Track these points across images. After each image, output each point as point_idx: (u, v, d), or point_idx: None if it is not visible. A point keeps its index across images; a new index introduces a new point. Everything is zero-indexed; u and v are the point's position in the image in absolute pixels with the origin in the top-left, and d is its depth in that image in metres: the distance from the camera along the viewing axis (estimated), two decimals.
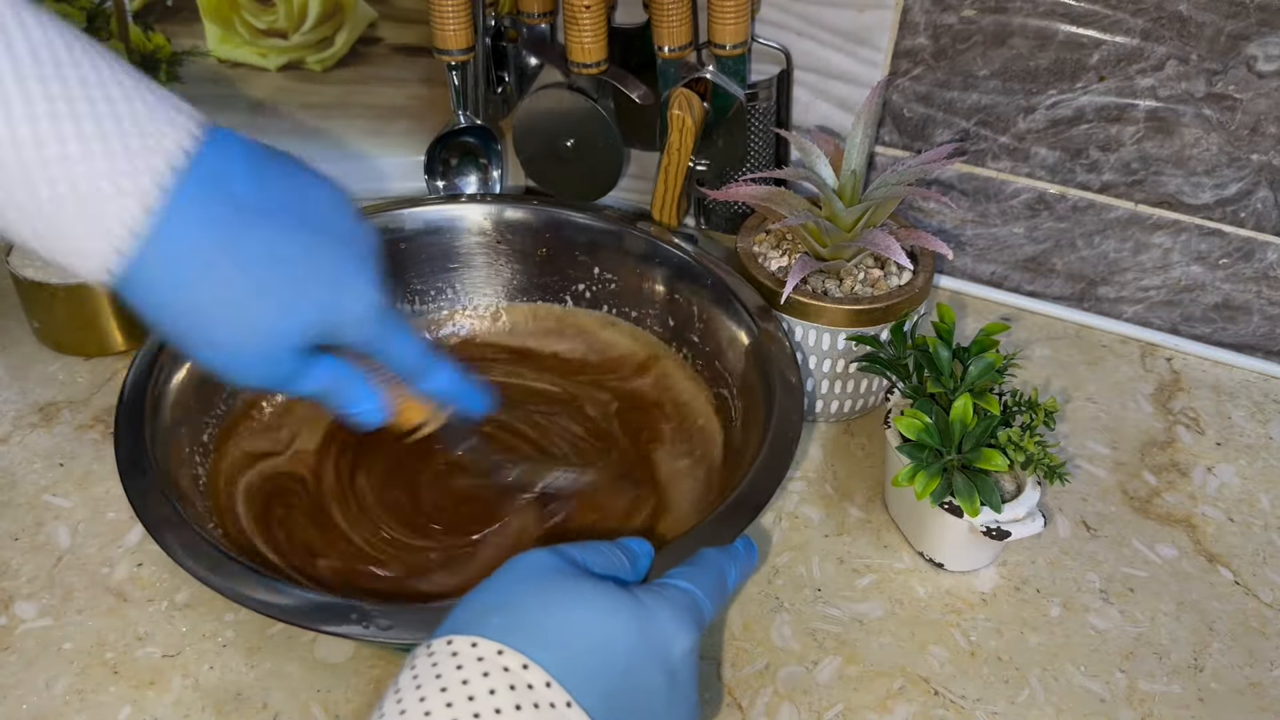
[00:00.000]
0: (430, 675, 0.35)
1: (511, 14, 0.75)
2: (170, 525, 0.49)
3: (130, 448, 0.53)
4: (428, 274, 0.71)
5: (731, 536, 0.48)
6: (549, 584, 0.39)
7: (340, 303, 0.42)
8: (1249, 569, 0.60)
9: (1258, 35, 0.63)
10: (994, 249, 0.77)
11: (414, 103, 0.83)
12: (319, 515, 0.59)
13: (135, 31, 0.78)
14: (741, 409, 0.61)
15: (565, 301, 0.72)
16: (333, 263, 0.42)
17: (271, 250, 0.40)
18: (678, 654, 0.39)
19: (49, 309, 0.68)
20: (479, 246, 0.71)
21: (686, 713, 0.40)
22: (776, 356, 0.59)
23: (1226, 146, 0.67)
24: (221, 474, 0.59)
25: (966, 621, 0.56)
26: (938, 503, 0.55)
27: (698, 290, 0.66)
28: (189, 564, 0.47)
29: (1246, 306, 0.72)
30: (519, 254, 0.71)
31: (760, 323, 0.62)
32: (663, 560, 0.45)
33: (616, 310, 0.71)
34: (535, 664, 0.35)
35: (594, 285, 0.71)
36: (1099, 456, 0.66)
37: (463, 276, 0.72)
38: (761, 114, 0.74)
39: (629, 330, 0.70)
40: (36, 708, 0.51)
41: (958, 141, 0.73)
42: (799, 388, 0.57)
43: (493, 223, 0.71)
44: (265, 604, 0.46)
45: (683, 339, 0.67)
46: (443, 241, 0.71)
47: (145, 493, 0.51)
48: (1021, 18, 0.67)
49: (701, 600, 0.42)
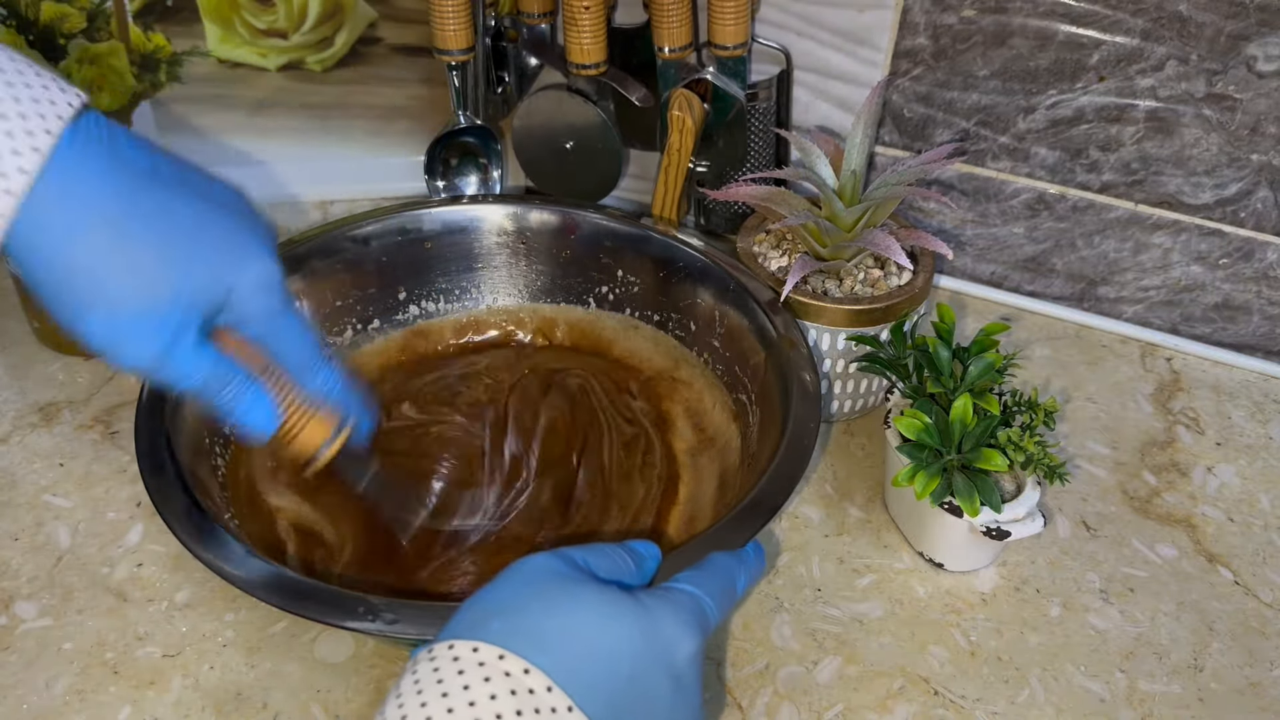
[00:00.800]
0: (431, 680, 0.35)
1: (511, 14, 0.75)
2: (187, 515, 0.49)
3: (149, 443, 0.52)
4: (452, 273, 0.71)
5: (742, 541, 0.47)
6: (551, 588, 0.39)
7: (233, 269, 0.41)
8: (1249, 569, 0.60)
9: (1258, 35, 0.63)
10: (994, 249, 0.77)
11: (414, 103, 0.83)
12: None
13: (135, 31, 0.78)
14: (759, 414, 0.60)
15: (589, 304, 0.71)
16: (226, 228, 0.42)
17: (162, 208, 0.40)
18: (682, 659, 0.39)
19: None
20: (498, 247, 0.71)
21: (691, 715, 0.40)
22: (794, 361, 0.59)
23: (1226, 146, 0.67)
24: (241, 470, 0.59)
25: (966, 621, 0.56)
26: (938, 503, 0.55)
27: (720, 294, 0.65)
28: (197, 550, 0.47)
29: (1246, 306, 0.72)
30: (542, 255, 0.71)
31: (781, 329, 0.61)
32: (672, 564, 0.45)
33: (639, 314, 0.70)
34: (537, 669, 0.35)
35: (617, 288, 0.70)
36: (1099, 456, 0.66)
37: (485, 277, 0.71)
38: (761, 114, 0.74)
39: (650, 334, 0.70)
40: (36, 708, 0.51)
41: (958, 141, 0.73)
42: (815, 393, 0.57)
43: (515, 224, 0.70)
44: (268, 596, 0.46)
45: (703, 343, 0.67)
46: (466, 241, 0.70)
47: (163, 486, 0.50)
48: (1021, 18, 0.67)
49: (707, 604, 0.41)
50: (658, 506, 0.60)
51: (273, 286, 0.43)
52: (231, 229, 0.42)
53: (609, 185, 0.78)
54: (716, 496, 0.60)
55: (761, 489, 0.51)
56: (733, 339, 0.64)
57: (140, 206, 0.40)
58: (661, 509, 0.60)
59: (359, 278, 0.68)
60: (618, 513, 0.59)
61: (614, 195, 0.83)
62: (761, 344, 0.61)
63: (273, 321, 0.44)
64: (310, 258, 0.66)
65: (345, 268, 0.67)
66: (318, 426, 0.46)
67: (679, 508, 0.60)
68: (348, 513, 0.58)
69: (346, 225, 0.67)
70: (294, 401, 0.45)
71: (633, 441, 0.64)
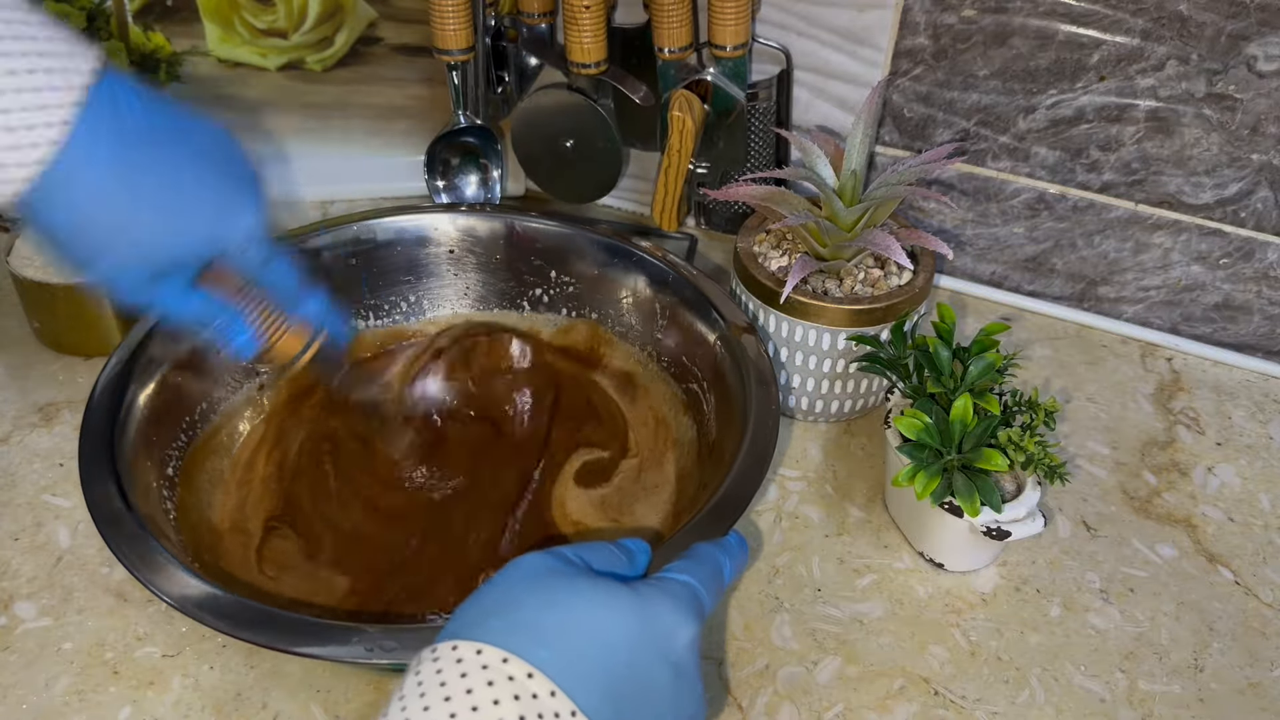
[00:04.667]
0: (434, 681, 0.35)
1: (511, 14, 0.75)
2: (153, 561, 0.48)
3: (100, 490, 0.52)
4: (379, 288, 0.70)
5: (723, 531, 0.49)
6: (547, 583, 0.39)
7: (223, 228, 0.46)
8: (1249, 569, 0.60)
9: (1258, 35, 0.63)
10: (994, 249, 0.77)
11: (414, 103, 0.83)
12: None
13: (135, 31, 0.78)
14: (714, 403, 0.61)
15: (523, 308, 0.71)
16: (218, 190, 0.45)
17: (159, 173, 0.43)
18: (680, 645, 0.39)
19: (49, 309, 0.68)
20: (435, 257, 0.70)
21: (693, 703, 0.40)
22: (747, 347, 0.59)
23: (1227, 146, 0.67)
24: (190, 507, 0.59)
25: (966, 621, 0.56)
26: (938, 503, 0.55)
27: (660, 287, 0.66)
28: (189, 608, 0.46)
29: (1247, 306, 0.72)
30: (473, 264, 0.71)
31: (727, 316, 0.62)
32: (658, 558, 0.45)
33: (576, 313, 0.70)
34: (540, 673, 0.35)
35: (551, 289, 0.70)
36: (1099, 456, 0.66)
37: (423, 286, 0.71)
38: (762, 114, 0.74)
39: (589, 329, 0.70)
40: (36, 708, 0.51)
41: (958, 141, 0.73)
42: (773, 378, 0.58)
43: (452, 231, 0.70)
44: (264, 637, 0.45)
45: (648, 337, 0.67)
46: (391, 254, 0.70)
47: (123, 537, 0.50)
48: (1022, 18, 0.67)
49: (700, 591, 0.42)
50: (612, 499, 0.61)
51: (259, 239, 0.47)
52: (223, 190, 0.46)
53: (609, 185, 0.78)
54: (676, 489, 0.60)
55: (733, 480, 0.52)
56: (677, 328, 0.65)
57: (138, 172, 0.42)
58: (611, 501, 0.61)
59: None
60: (568, 510, 0.60)
61: (613, 196, 0.83)
62: (711, 332, 0.62)
63: (259, 266, 0.49)
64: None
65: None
66: (292, 339, 0.53)
67: (628, 499, 0.61)
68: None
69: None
70: (273, 321, 0.51)
71: (578, 435, 0.65)
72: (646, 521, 0.59)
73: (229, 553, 0.57)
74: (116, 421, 0.55)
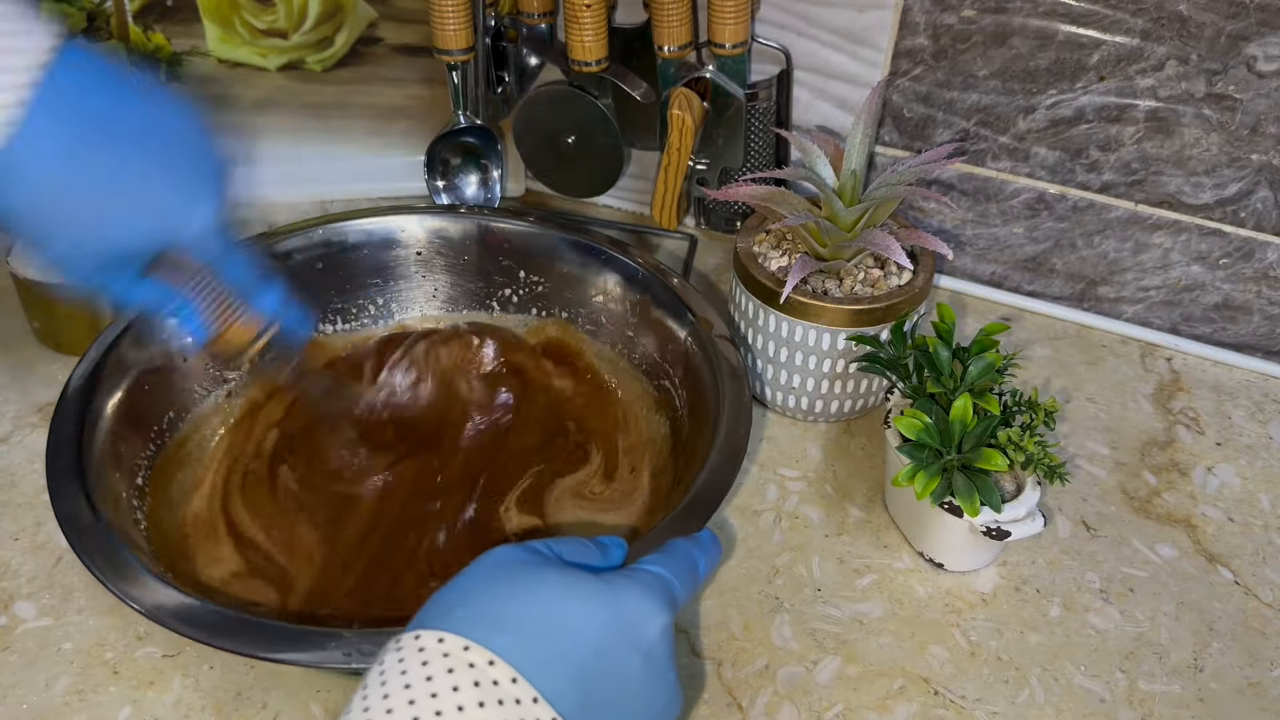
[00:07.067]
0: (396, 671, 0.35)
1: (511, 14, 0.75)
2: (129, 572, 0.48)
3: (69, 495, 0.52)
4: (347, 291, 0.70)
5: (698, 527, 0.49)
6: (515, 574, 0.39)
7: (177, 221, 0.45)
8: (1249, 569, 0.60)
9: (1258, 35, 0.63)
10: (994, 249, 0.77)
11: (414, 103, 0.83)
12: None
13: (135, 31, 0.78)
14: (686, 399, 0.61)
15: (492, 309, 0.71)
16: (175, 185, 0.45)
17: (114, 165, 0.42)
18: (651, 634, 0.39)
19: (49, 309, 0.68)
20: (403, 259, 0.70)
21: (666, 692, 0.40)
22: (717, 343, 0.60)
23: (1226, 146, 0.67)
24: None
25: (966, 621, 0.56)
26: (938, 503, 0.55)
27: (630, 284, 0.66)
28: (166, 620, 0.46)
29: (1246, 306, 0.72)
30: (446, 264, 0.70)
31: (696, 311, 0.62)
32: (633, 554, 0.46)
33: (546, 313, 0.70)
34: (501, 660, 0.35)
35: (520, 289, 0.70)
36: (1099, 456, 0.66)
37: (390, 289, 0.71)
38: (761, 114, 0.74)
39: (560, 328, 0.70)
40: (36, 708, 0.51)
41: (958, 141, 0.73)
42: (742, 372, 0.58)
43: (419, 233, 0.70)
44: (243, 644, 0.45)
45: (619, 335, 0.67)
46: (358, 257, 0.69)
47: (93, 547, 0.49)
48: (1021, 18, 0.67)
49: (672, 582, 0.42)
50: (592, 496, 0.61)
51: (215, 233, 0.47)
52: (180, 184, 0.45)
53: (610, 181, 0.78)
54: (651, 485, 0.61)
55: (707, 477, 0.52)
56: (649, 326, 0.65)
57: (95, 152, 0.42)
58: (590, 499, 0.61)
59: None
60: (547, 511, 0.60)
61: (613, 195, 0.83)
62: (680, 327, 0.62)
63: (215, 258, 0.48)
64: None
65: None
66: (242, 330, 0.52)
67: (608, 498, 0.61)
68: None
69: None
70: (224, 311, 0.51)
71: (551, 436, 0.65)
72: (621, 521, 0.59)
73: (200, 560, 0.56)
74: (84, 433, 0.55)
